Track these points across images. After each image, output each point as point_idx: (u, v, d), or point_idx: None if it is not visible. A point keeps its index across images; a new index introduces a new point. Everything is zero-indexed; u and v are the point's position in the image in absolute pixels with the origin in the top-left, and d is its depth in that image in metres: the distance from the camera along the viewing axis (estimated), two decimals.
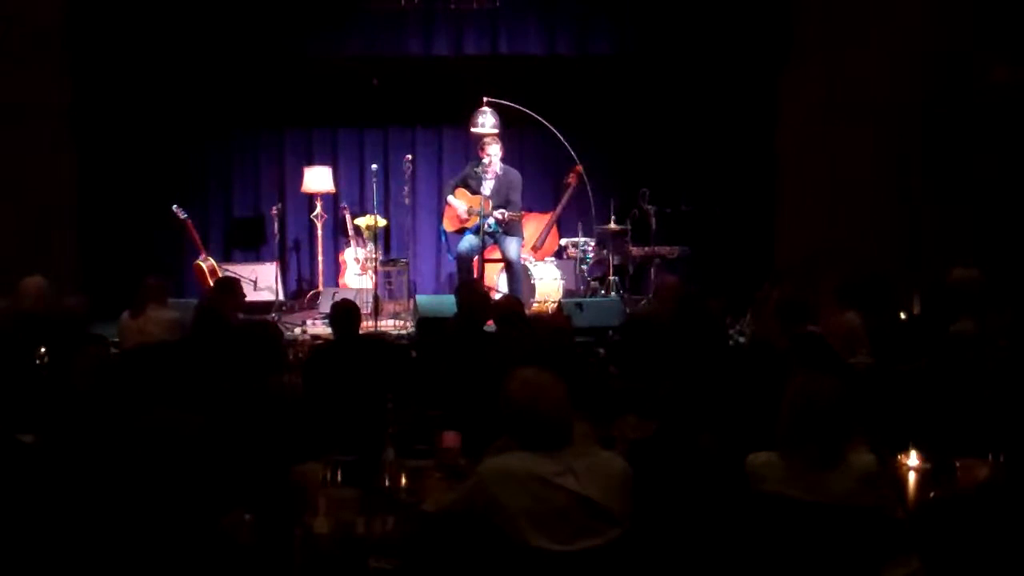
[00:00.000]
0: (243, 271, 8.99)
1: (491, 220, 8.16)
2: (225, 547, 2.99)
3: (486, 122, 8.65)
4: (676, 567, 3.12)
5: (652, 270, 8.75)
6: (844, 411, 2.99)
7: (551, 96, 9.35)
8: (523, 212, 8.63)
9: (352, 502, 3.18)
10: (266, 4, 8.96)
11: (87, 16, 8.67)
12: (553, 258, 9.15)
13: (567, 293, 8.74)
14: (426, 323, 7.36)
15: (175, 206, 9.08)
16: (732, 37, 9.11)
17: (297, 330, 8.09)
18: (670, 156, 9.69)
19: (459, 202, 8.49)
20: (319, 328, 8.16)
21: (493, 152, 8.32)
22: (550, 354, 3.95)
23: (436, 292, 9.68)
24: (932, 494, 3.46)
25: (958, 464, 3.48)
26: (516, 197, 8.33)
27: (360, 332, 5.38)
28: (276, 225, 9.58)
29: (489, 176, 8.37)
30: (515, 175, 8.42)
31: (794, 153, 9.14)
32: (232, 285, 6.35)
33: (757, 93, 9.37)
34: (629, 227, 8.82)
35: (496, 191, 8.30)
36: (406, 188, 9.16)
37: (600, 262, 9.04)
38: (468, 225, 8.43)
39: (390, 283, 9.23)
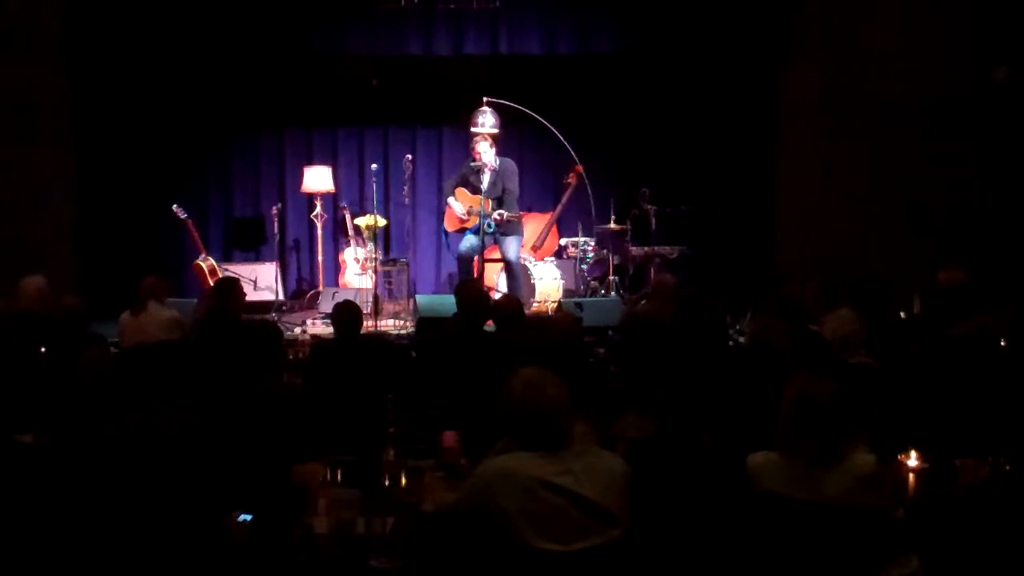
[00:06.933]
0: (243, 271, 9.00)
1: (491, 220, 8.16)
2: (225, 547, 2.99)
3: (486, 122, 8.66)
4: (676, 567, 3.12)
5: (652, 270, 8.75)
6: (844, 410, 2.99)
7: (551, 96, 9.35)
8: (523, 212, 8.64)
9: (352, 502, 3.18)
10: (266, 4, 8.97)
11: (87, 15, 8.67)
12: (553, 258, 9.15)
13: (567, 293, 8.74)
14: (426, 323, 7.36)
15: (175, 206, 9.08)
16: (732, 36, 9.13)
17: (297, 330, 8.08)
18: (670, 156, 9.69)
19: (458, 204, 8.49)
20: (319, 328, 8.16)
21: (483, 150, 8.32)
22: (551, 354, 3.94)
23: (436, 292, 9.68)
24: (932, 494, 3.46)
25: (958, 464, 3.48)
26: (512, 185, 8.31)
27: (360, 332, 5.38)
28: (276, 225, 9.58)
29: (486, 171, 8.36)
30: (509, 164, 8.41)
31: (794, 152, 9.14)
32: (232, 285, 6.35)
33: (757, 92, 9.37)
34: (629, 227, 8.83)
35: (493, 183, 8.30)
36: (406, 188, 9.16)
37: (600, 262, 9.05)
38: (468, 225, 8.43)
39: (390, 283, 9.22)
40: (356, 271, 9.33)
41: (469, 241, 8.39)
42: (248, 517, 3.12)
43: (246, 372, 4.06)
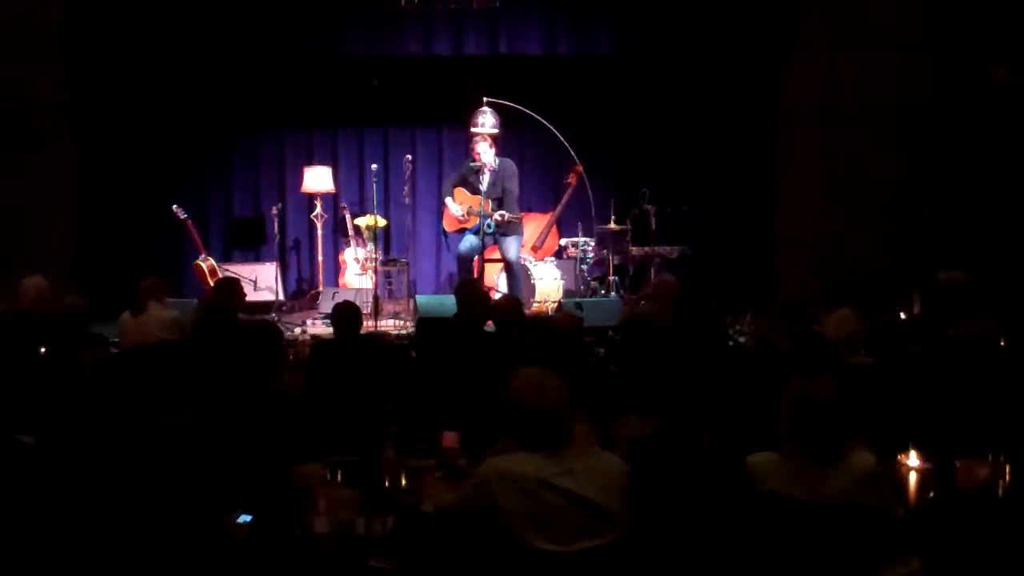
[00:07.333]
0: (243, 271, 9.00)
1: (491, 221, 8.17)
2: (225, 547, 2.99)
3: (486, 122, 8.66)
4: (676, 567, 3.12)
5: (652, 270, 8.76)
6: (844, 410, 2.99)
7: (551, 96, 9.35)
8: (523, 212, 8.64)
9: (352, 502, 3.18)
10: (266, 4, 8.98)
11: (87, 15, 8.68)
12: (553, 258, 9.15)
13: (567, 293, 8.74)
14: (426, 323, 7.36)
15: (175, 206, 9.08)
16: (732, 37, 9.13)
17: (297, 330, 8.09)
18: (670, 156, 9.69)
19: (455, 205, 8.50)
20: (319, 328, 8.16)
21: (482, 150, 8.33)
22: (551, 354, 3.94)
23: (436, 292, 9.68)
24: (932, 494, 3.46)
25: (958, 464, 3.48)
26: (512, 185, 8.31)
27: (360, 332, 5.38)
28: (276, 225, 9.58)
29: (486, 172, 8.37)
30: (509, 164, 8.42)
31: (794, 153, 9.14)
32: (232, 285, 6.35)
33: (757, 93, 9.38)
34: (629, 227, 8.83)
35: (492, 184, 8.31)
36: (406, 188, 9.18)
37: (600, 262, 9.05)
38: (468, 225, 8.44)
39: (390, 283, 9.23)
40: (356, 271, 9.33)
41: (469, 241, 8.39)
42: (248, 517, 3.12)
43: (246, 372, 4.06)
